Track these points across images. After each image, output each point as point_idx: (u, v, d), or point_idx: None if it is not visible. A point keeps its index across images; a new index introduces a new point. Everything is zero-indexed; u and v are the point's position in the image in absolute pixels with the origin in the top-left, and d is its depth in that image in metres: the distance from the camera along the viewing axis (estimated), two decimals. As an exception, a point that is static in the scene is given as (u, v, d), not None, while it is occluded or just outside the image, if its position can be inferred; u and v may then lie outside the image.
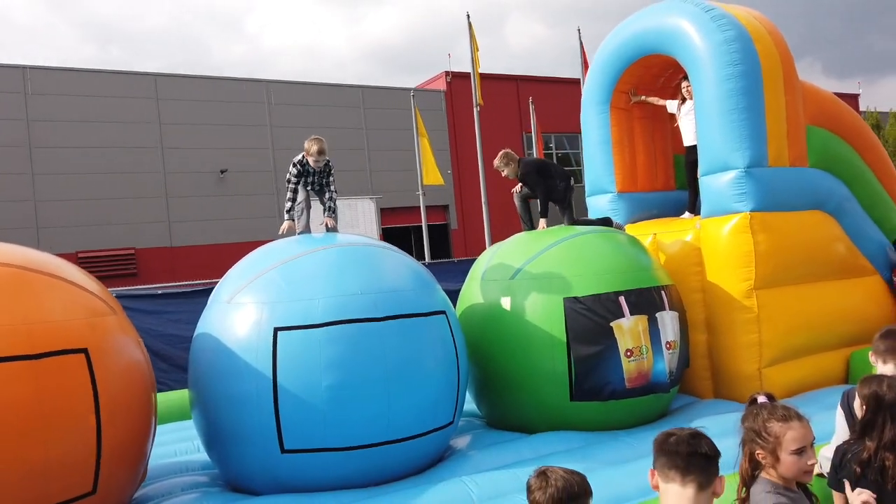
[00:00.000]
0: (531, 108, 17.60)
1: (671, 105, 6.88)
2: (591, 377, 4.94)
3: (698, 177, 6.01)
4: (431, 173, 14.95)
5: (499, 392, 5.31)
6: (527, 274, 5.23)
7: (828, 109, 6.27)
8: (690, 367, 5.71)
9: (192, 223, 24.23)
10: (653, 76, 6.93)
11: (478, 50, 14.40)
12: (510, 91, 26.54)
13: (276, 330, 4.13)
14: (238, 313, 4.29)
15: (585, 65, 16.88)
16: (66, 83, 22.79)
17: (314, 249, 4.60)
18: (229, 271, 4.87)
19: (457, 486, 4.08)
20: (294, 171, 5.22)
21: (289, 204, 5.26)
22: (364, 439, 4.12)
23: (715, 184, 5.77)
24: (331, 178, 5.36)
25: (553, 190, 5.96)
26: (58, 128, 22.44)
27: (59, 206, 22.19)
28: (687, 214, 6.71)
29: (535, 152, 17.57)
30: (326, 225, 5.20)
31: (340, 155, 26.22)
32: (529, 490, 2.36)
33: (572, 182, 6.11)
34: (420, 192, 15.39)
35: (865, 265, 6.37)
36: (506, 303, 5.21)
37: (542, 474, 2.36)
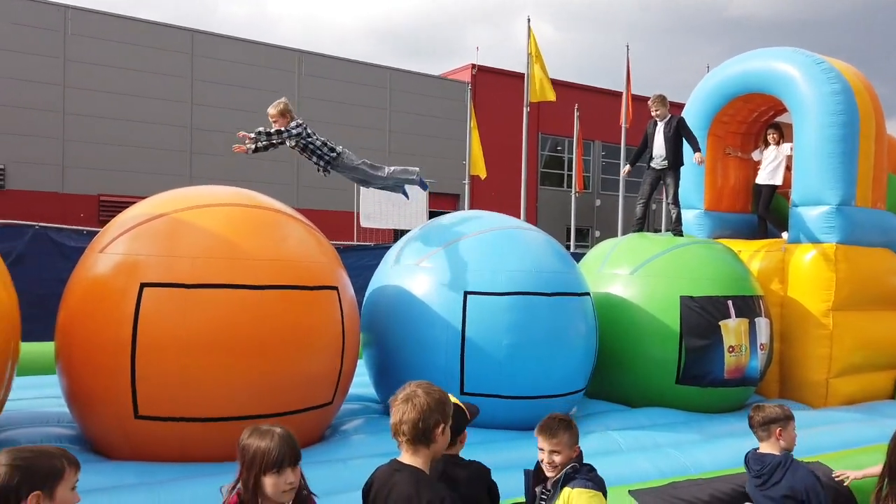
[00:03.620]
0: (576, 114, 18.42)
1: (755, 154, 7.89)
2: (697, 366, 5.81)
3: (791, 207, 6.91)
4: (478, 164, 15.73)
5: (606, 369, 6.12)
6: (647, 271, 6.07)
7: (904, 161, 7.22)
8: (762, 369, 6.62)
9: (212, 182, 24.51)
10: (749, 111, 7.82)
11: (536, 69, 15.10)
12: (519, 89, 27.01)
13: (466, 293, 4.93)
14: (429, 275, 5.07)
15: (629, 79, 17.78)
16: (103, 27, 22.94)
17: (490, 229, 5.38)
18: (408, 237, 5.65)
19: (606, 437, 4.93)
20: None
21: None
22: (530, 391, 4.94)
23: (806, 215, 6.67)
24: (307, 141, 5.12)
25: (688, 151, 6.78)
26: (94, 70, 22.64)
27: (85, 147, 22.38)
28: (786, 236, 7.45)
29: (575, 158, 18.41)
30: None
31: (363, 133, 26.83)
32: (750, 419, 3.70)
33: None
34: (466, 181, 16.16)
35: (915, 299, 7.34)
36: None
37: (757, 406, 3.72)
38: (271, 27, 72.71)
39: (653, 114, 6.87)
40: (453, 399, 2.84)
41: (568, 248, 19.15)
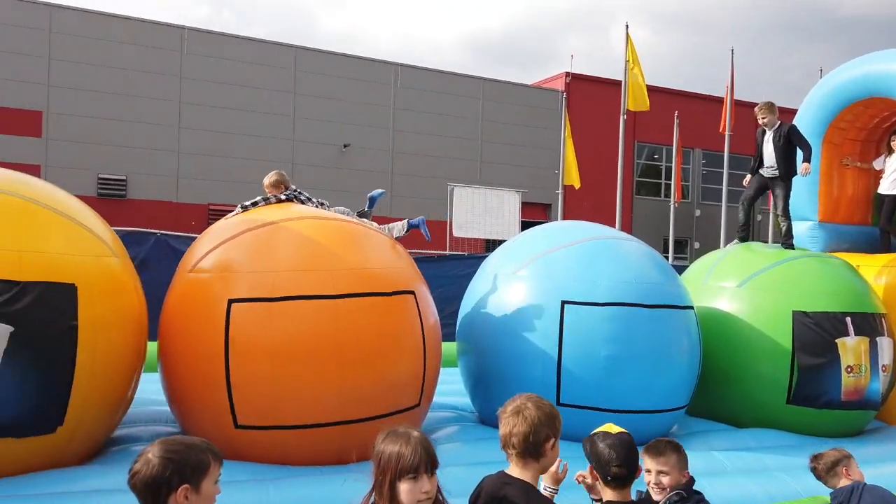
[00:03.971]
0: (675, 121, 17.88)
1: (877, 163, 7.36)
2: (811, 385, 5.48)
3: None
4: (572, 174, 15.56)
5: (710, 385, 5.87)
6: (755, 284, 5.80)
7: None
8: (884, 392, 6.14)
9: (312, 191, 25.39)
10: (870, 116, 7.33)
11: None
12: (614, 97, 26.32)
13: (564, 302, 4.88)
14: (526, 284, 5.06)
15: (731, 84, 17.09)
16: (216, 46, 24.31)
17: (589, 239, 5.31)
18: (505, 246, 5.67)
19: (709, 457, 4.73)
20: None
21: None
22: (629, 405, 4.82)
23: (935, 226, 6.17)
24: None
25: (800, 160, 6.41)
26: (207, 87, 24.04)
27: (196, 160, 23.74)
28: None
29: (674, 166, 17.86)
30: None
31: (456, 143, 27.08)
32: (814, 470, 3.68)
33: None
34: (559, 191, 16.00)
35: None
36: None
37: (815, 456, 3.71)
38: (369, 42, 74.84)
39: (760, 122, 6.57)
40: (619, 429, 2.76)
41: (665, 259, 18.49)
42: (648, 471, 2.93)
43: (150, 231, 8.00)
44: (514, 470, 2.36)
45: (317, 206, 5.10)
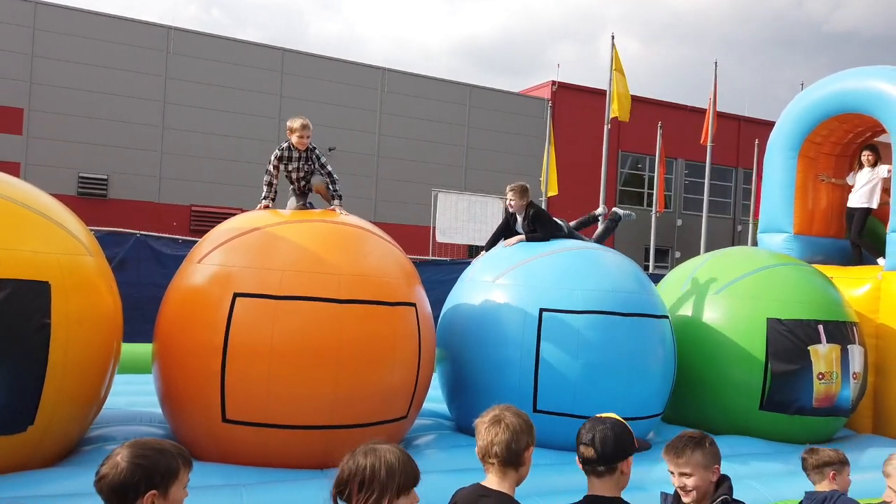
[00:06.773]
0: (659, 131, 18.06)
1: (850, 178, 7.52)
2: (784, 392, 5.58)
3: (888, 232, 6.55)
4: (551, 183, 15.67)
5: (685, 392, 5.94)
6: (732, 292, 5.89)
7: None
8: (854, 402, 6.25)
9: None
10: (844, 131, 7.47)
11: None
12: (599, 106, 26.20)
13: (542, 310, 4.92)
14: (505, 292, 5.10)
15: (715, 96, 17.30)
16: (202, 47, 24.19)
17: (567, 248, 5.37)
18: (483, 255, 5.71)
19: (682, 465, 4.77)
20: (276, 154, 4.97)
21: (265, 189, 4.94)
22: (604, 412, 4.84)
23: (905, 240, 6.30)
24: (322, 162, 5.04)
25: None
26: (192, 87, 23.89)
27: (179, 160, 23.57)
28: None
29: (656, 176, 18.04)
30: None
31: (442, 149, 27.14)
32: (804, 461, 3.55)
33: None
34: (542, 198, 16.09)
35: None
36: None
37: (812, 449, 3.61)
38: (361, 46, 74.73)
39: (509, 204, 5.80)
40: (618, 417, 2.62)
41: (647, 268, 18.74)
42: (672, 473, 2.64)
43: (129, 231, 7.96)
44: (493, 481, 2.30)
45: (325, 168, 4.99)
